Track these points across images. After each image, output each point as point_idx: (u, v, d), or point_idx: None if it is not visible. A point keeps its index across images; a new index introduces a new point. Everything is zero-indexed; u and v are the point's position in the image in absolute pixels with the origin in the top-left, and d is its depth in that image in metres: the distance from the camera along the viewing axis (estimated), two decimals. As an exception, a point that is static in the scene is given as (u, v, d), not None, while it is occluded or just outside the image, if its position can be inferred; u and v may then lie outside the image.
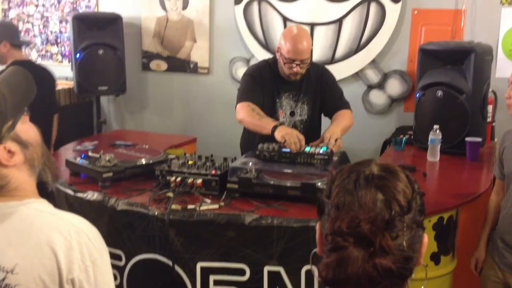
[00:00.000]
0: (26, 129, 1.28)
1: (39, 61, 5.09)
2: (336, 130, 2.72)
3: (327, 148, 2.53)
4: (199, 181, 2.32)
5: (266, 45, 4.27)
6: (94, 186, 2.43)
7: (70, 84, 4.68)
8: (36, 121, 1.34)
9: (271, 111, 2.90)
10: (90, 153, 2.72)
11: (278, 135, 2.60)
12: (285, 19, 4.16)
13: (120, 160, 2.58)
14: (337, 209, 0.96)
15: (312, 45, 2.97)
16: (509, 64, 3.70)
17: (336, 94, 3.05)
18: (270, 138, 2.65)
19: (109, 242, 1.34)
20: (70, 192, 2.37)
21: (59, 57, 5.12)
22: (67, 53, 5.05)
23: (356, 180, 0.98)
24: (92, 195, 2.30)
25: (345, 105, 3.02)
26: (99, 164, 2.50)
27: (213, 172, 2.35)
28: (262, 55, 4.11)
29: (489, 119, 3.44)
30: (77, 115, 4.70)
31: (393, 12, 3.91)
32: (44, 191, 1.38)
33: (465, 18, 3.78)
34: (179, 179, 2.35)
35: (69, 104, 4.70)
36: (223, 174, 2.35)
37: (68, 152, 3.18)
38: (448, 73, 3.26)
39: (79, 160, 2.61)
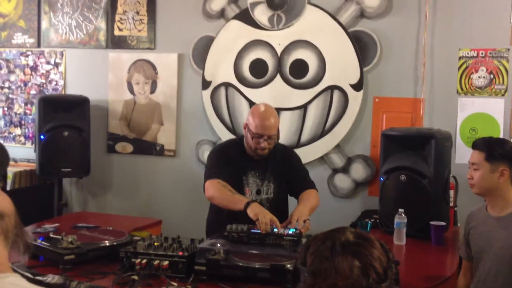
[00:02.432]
0: (1, 199, 1.25)
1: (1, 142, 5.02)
2: (304, 210, 2.73)
3: (296, 229, 2.52)
4: (166, 263, 2.26)
5: (232, 129, 4.34)
6: (54, 269, 2.33)
7: (32, 165, 4.61)
8: None
9: (237, 189, 2.89)
10: (51, 235, 2.62)
11: (251, 212, 2.59)
12: (251, 104, 4.26)
13: (82, 242, 2.50)
14: (314, 276, 0.95)
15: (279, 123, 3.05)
16: (467, 151, 3.81)
17: (301, 174, 3.09)
18: (238, 219, 2.63)
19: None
20: (28, 275, 2.26)
21: (22, 138, 5.06)
22: (30, 135, 5.00)
23: (332, 247, 0.98)
24: (52, 278, 2.19)
25: (310, 184, 3.05)
26: (61, 246, 2.42)
27: (180, 253, 2.30)
28: (228, 138, 4.15)
29: (451, 204, 3.51)
30: (37, 198, 4.59)
31: (355, 99, 4.06)
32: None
33: (424, 106, 3.95)
34: (144, 261, 2.29)
35: (30, 186, 4.60)
36: (190, 255, 2.30)
37: (27, 234, 3.06)
38: (410, 157, 3.34)
39: (39, 242, 2.51)
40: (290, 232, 2.48)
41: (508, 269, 2.33)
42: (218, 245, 2.39)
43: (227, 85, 4.36)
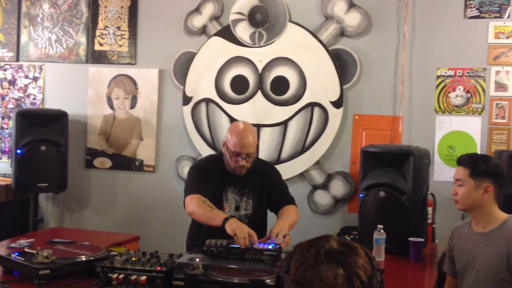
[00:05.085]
0: None
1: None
2: (284, 226, 2.72)
3: (276, 244, 2.50)
4: (143, 278, 2.22)
5: (213, 145, 4.33)
6: (29, 284, 2.28)
7: (8, 180, 4.53)
8: None
9: (217, 205, 2.87)
10: (26, 250, 2.57)
11: (229, 228, 2.56)
12: (232, 120, 4.26)
13: (58, 256, 2.45)
14: (297, 285, 0.94)
15: (258, 141, 3.05)
16: (445, 168, 3.89)
17: (281, 189, 3.09)
18: (218, 234, 2.61)
19: None
20: (1, 290, 2.21)
21: (-2, 153, 4.98)
22: (7, 149, 4.92)
23: (316, 255, 0.97)
24: (26, 293, 2.15)
25: (290, 200, 3.05)
26: (36, 261, 2.36)
27: (158, 268, 2.26)
28: (208, 154, 4.13)
29: (429, 221, 3.53)
30: (12, 213, 4.50)
31: (335, 116, 4.09)
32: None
33: (402, 124, 4.00)
34: (121, 276, 2.24)
35: (5, 201, 4.51)
36: (168, 270, 2.26)
37: (1, 249, 2.99)
38: (389, 174, 3.36)
39: (13, 257, 2.45)
40: (270, 247, 2.46)
41: (492, 285, 2.34)
42: (197, 260, 2.36)
43: (207, 101, 4.36)
